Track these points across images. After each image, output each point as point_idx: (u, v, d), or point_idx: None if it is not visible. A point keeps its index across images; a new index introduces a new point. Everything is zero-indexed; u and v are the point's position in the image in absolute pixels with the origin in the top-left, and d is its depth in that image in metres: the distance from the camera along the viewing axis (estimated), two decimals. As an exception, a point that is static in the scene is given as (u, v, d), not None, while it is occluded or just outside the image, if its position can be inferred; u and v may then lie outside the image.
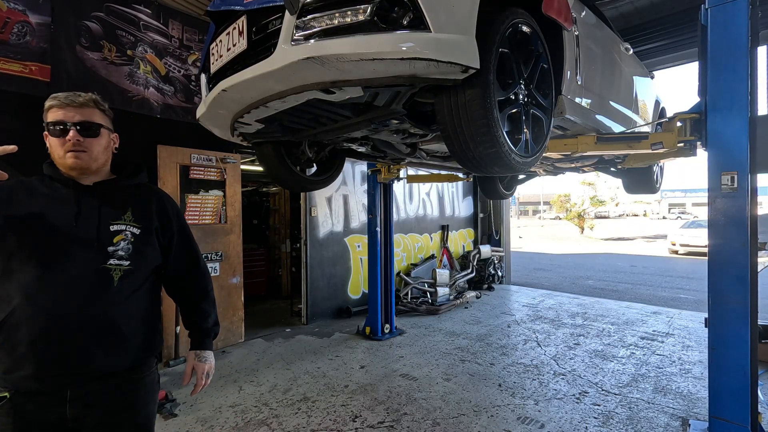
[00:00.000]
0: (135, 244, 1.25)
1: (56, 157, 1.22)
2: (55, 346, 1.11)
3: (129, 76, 3.94)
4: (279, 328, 5.27)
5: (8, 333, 1.10)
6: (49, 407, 1.12)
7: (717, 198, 2.23)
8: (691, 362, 3.93)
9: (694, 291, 7.93)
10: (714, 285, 2.25)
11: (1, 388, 1.11)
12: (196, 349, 1.43)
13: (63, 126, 1.19)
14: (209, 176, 4.43)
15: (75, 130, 1.19)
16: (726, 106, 2.20)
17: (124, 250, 1.22)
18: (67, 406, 1.13)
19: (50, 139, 1.21)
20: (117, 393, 1.21)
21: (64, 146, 1.19)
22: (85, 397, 1.15)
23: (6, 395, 1.09)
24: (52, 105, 1.20)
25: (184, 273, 1.43)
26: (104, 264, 1.18)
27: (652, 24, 5.02)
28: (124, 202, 1.28)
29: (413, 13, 1.29)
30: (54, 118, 1.19)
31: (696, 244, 13.76)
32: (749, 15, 2.15)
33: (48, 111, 1.21)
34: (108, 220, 1.23)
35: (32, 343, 1.09)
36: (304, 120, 1.98)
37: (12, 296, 1.11)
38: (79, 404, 1.15)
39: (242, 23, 1.55)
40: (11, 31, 3.28)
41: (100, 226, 1.21)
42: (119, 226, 1.24)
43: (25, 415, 1.10)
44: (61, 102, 1.20)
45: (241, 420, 2.91)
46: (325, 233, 5.71)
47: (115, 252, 1.21)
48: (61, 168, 1.24)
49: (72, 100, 1.21)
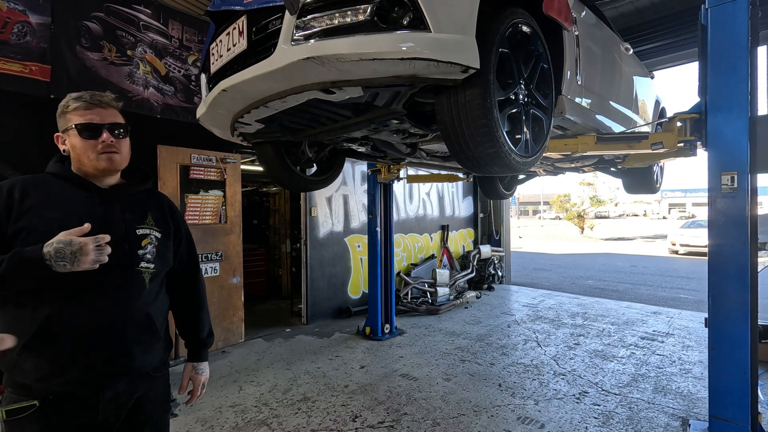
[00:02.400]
0: (158, 247, 1.27)
1: (84, 159, 1.17)
2: (101, 349, 1.12)
3: (129, 76, 3.94)
4: (279, 328, 5.27)
5: (46, 340, 1.07)
6: (81, 411, 1.12)
7: (717, 198, 2.23)
8: (692, 362, 3.93)
9: (694, 291, 7.93)
10: (714, 285, 2.25)
11: (25, 398, 1.08)
12: (193, 361, 1.45)
13: (95, 127, 1.17)
14: (209, 176, 4.43)
15: (107, 131, 1.18)
16: (726, 106, 2.20)
17: (151, 254, 1.24)
18: (100, 408, 1.13)
19: (76, 140, 1.16)
20: (145, 391, 1.24)
21: (96, 148, 1.16)
22: (117, 398, 1.17)
23: (35, 403, 1.08)
24: (77, 106, 1.17)
25: (186, 279, 1.44)
26: (137, 267, 1.20)
27: (652, 24, 5.02)
28: (143, 207, 1.29)
29: (413, 13, 1.29)
30: (84, 120, 1.16)
31: (696, 244, 13.76)
32: (749, 15, 2.15)
33: (72, 112, 1.17)
34: (133, 225, 1.23)
35: (78, 347, 1.09)
36: (304, 120, 1.98)
37: (44, 305, 1.08)
38: (113, 405, 1.16)
39: (242, 23, 1.55)
40: (11, 31, 3.28)
41: (128, 230, 1.21)
42: (144, 230, 1.25)
43: (54, 423, 1.09)
44: (88, 102, 1.17)
45: (242, 420, 2.91)
46: (325, 233, 5.71)
47: (144, 255, 1.22)
48: (91, 170, 1.19)
49: (99, 100, 1.19)
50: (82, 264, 1.02)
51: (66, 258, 1.00)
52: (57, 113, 1.20)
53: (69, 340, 1.09)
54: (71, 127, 1.16)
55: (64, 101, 1.19)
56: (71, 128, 1.16)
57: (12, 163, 3.20)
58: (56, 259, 1.00)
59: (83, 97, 1.18)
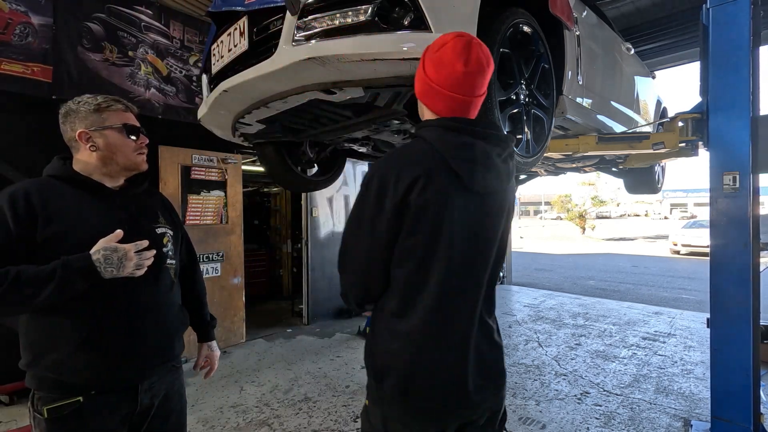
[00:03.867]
0: (174, 243, 1.35)
1: (119, 156, 1.22)
2: (151, 341, 1.21)
3: (130, 77, 3.95)
4: (280, 328, 5.27)
5: (99, 339, 1.13)
6: (121, 403, 1.18)
7: (719, 198, 2.22)
8: (693, 363, 3.92)
9: (696, 291, 7.91)
10: (716, 285, 2.24)
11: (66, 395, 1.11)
12: (206, 341, 1.57)
13: (137, 129, 1.27)
14: (210, 177, 4.43)
15: (142, 134, 1.28)
16: (728, 106, 2.20)
17: (171, 251, 1.33)
18: (139, 398, 1.20)
19: (116, 137, 1.21)
20: (171, 382, 1.32)
21: (133, 147, 1.25)
22: (152, 388, 1.24)
23: (79, 399, 1.11)
24: (119, 107, 1.24)
25: (191, 268, 1.53)
26: (165, 264, 1.28)
27: (654, 24, 5.01)
28: (152, 206, 1.34)
29: (414, 13, 1.29)
30: (126, 120, 1.24)
31: (698, 245, 13.72)
32: (751, 14, 2.14)
33: (112, 111, 1.22)
34: (151, 224, 1.28)
35: (130, 342, 1.17)
36: (305, 120, 1.98)
37: (91, 307, 1.12)
38: (149, 395, 1.23)
39: (243, 24, 1.55)
40: (13, 32, 3.29)
41: (149, 230, 1.26)
42: (161, 228, 1.31)
43: (96, 416, 1.14)
44: (126, 106, 1.27)
45: (243, 420, 2.91)
46: (327, 234, 5.71)
47: (168, 252, 1.30)
48: (122, 167, 1.24)
49: (132, 106, 1.29)
50: (126, 269, 1.10)
51: (113, 264, 1.07)
52: (82, 109, 1.19)
53: (121, 335, 1.15)
54: (114, 125, 1.21)
55: (96, 100, 1.21)
56: (113, 127, 1.21)
57: (14, 163, 3.20)
58: (105, 266, 1.07)
59: (120, 100, 1.26)
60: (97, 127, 1.19)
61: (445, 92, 0.99)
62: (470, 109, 1.03)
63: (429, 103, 1.04)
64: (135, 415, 1.20)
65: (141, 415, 1.22)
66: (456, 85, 0.98)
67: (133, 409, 1.20)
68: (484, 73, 0.99)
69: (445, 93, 0.99)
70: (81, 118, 1.19)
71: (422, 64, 1.03)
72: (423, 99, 1.05)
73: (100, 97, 1.23)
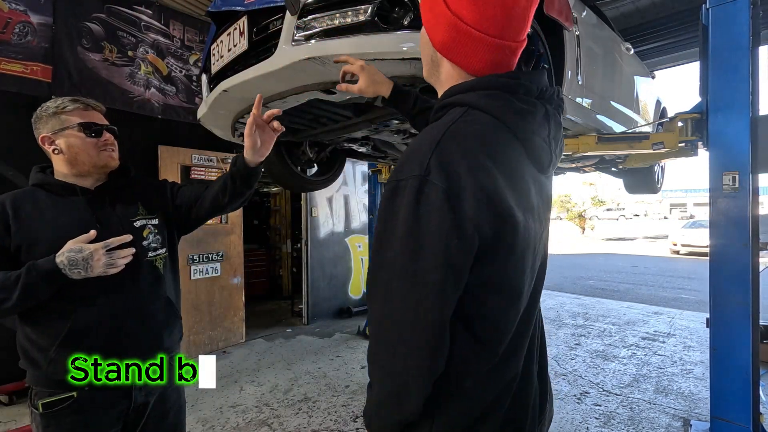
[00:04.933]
0: (160, 232, 1.32)
1: (83, 157, 1.20)
2: (133, 338, 1.20)
3: (130, 77, 3.95)
4: (280, 328, 5.27)
5: (80, 336, 1.13)
6: (115, 400, 1.18)
7: (718, 198, 2.22)
8: (693, 362, 3.93)
9: (696, 291, 7.91)
10: (715, 285, 2.25)
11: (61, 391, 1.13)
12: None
13: (98, 127, 1.23)
14: (210, 176, 4.43)
15: (107, 131, 1.25)
16: (727, 106, 2.20)
17: (156, 241, 1.30)
18: (133, 394, 1.20)
19: (76, 139, 1.19)
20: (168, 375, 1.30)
21: (97, 146, 1.22)
22: (145, 387, 1.23)
23: (73, 394, 1.13)
24: (77, 107, 1.21)
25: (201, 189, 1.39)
26: (146, 258, 1.26)
27: (653, 24, 5.01)
28: (131, 198, 1.31)
29: (414, 13, 1.29)
30: (87, 119, 1.21)
31: (697, 245, 13.72)
32: (750, 14, 2.14)
33: (71, 112, 1.20)
34: (128, 218, 1.27)
35: (110, 339, 1.16)
36: (304, 120, 1.98)
37: (69, 305, 1.13)
38: (143, 392, 1.22)
39: (243, 24, 1.55)
40: (12, 31, 3.29)
41: (125, 225, 1.24)
42: (140, 220, 1.29)
43: (91, 413, 1.15)
44: (86, 104, 1.23)
45: (242, 420, 2.91)
46: (326, 233, 5.71)
47: (149, 245, 1.28)
48: (89, 168, 1.22)
49: (95, 104, 1.26)
50: (95, 269, 1.08)
51: (79, 265, 1.06)
52: (43, 115, 1.21)
53: (102, 334, 1.15)
54: (72, 125, 1.19)
55: (56, 103, 1.21)
56: (71, 127, 1.19)
57: (13, 163, 3.20)
58: (70, 267, 1.06)
59: (80, 99, 1.23)
60: (56, 130, 1.19)
61: (490, 39, 0.70)
62: (514, 61, 0.74)
63: (460, 57, 0.73)
64: (130, 412, 1.21)
65: (137, 413, 1.23)
66: (507, 26, 0.69)
67: (128, 406, 1.20)
68: (534, 5, 0.71)
69: (490, 40, 0.70)
70: (42, 123, 1.21)
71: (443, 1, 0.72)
72: (450, 52, 0.74)
73: (60, 99, 1.22)
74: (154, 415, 1.26)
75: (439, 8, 0.72)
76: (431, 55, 0.79)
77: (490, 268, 0.65)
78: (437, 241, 0.59)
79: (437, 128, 0.67)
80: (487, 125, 0.67)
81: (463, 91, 0.71)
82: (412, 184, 0.61)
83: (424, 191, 0.60)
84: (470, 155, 0.62)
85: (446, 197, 0.59)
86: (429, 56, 0.80)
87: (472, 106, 0.69)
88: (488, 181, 0.62)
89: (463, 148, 0.63)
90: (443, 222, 0.59)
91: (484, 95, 0.69)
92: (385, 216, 0.64)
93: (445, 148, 0.62)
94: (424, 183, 0.60)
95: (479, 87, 0.70)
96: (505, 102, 0.68)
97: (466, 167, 0.61)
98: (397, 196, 0.62)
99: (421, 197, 0.60)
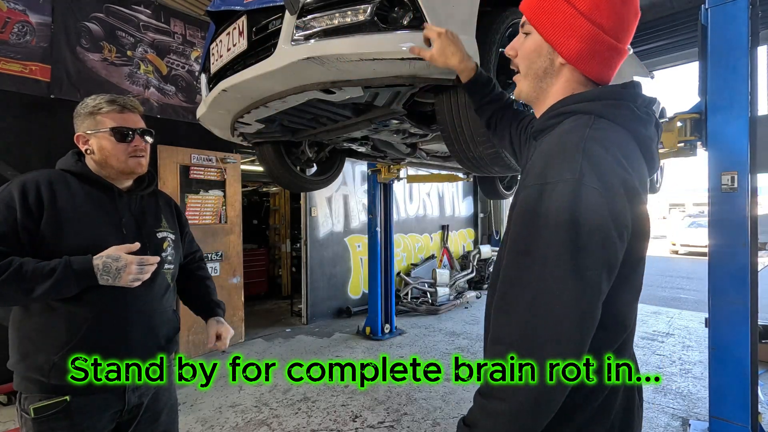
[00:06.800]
0: (175, 248, 1.35)
1: (113, 161, 1.20)
2: (142, 345, 1.21)
3: (129, 76, 3.95)
4: (279, 328, 5.27)
5: (91, 342, 1.13)
6: (109, 402, 1.18)
7: (717, 198, 2.23)
8: (692, 362, 3.93)
9: (695, 291, 7.92)
10: (714, 285, 2.25)
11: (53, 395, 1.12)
12: (215, 317, 1.47)
13: (130, 131, 1.22)
14: (209, 176, 4.43)
15: (139, 136, 1.24)
16: (726, 106, 2.21)
17: (171, 256, 1.32)
18: (126, 396, 1.20)
19: (107, 142, 1.19)
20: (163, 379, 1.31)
21: (126, 151, 1.21)
22: (139, 388, 1.24)
23: (66, 399, 1.11)
24: (112, 109, 1.20)
25: (194, 256, 1.54)
26: (162, 269, 1.26)
27: (652, 24, 5.01)
28: (156, 209, 1.33)
29: (413, 13, 1.29)
30: (119, 123, 1.20)
31: (696, 244, 13.75)
32: (749, 15, 2.15)
33: (106, 114, 1.19)
34: (153, 228, 1.28)
35: (121, 346, 1.17)
36: (304, 120, 1.98)
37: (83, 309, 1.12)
38: (137, 393, 1.23)
39: (242, 23, 1.55)
40: (11, 31, 3.28)
41: (150, 234, 1.26)
42: (162, 233, 1.30)
43: (85, 415, 1.14)
44: (121, 107, 1.22)
45: (242, 420, 2.91)
46: (326, 233, 5.70)
47: (166, 258, 1.29)
48: (116, 172, 1.22)
49: (132, 105, 1.24)
50: (122, 280, 1.10)
51: (111, 273, 1.08)
52: (81, 112, 1.21)
53: (111, 340, 1.15)
54: (104, 129, 1.19)
55: (94, 102, 1.20)
56: (104, 131, 1.19)
57: (12, 163, 3.20)
58: (102, 273, 1.07)
59: (117, 101, 1.22)
60: (91, 130, 1.20)
61: (615, 43, 0.72)
62: None
63: (597, 67, 0.74)
64: (124, 413, 1.21)
65: (130, 413, 1.23)
66: (629, 30, 0.72)
67: (121, 408, 1.20)
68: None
69: (615, 45, 0.72)
70: (80, 121, 1.21)
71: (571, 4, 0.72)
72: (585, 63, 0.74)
73: (99, 98, 1.21)
74: (147, 415, 1.26)
75: (571, 19, 0.73)
76: (544, 66, 0.79)
77: (628, 265, 0.67)
78: (598, 240, 0.61)
79: (573, 134, 0.68)
80: (618, 133, 0.69)
81: (588, 100, 0.72)
82: (564, 187, 0.62)
83: (581, 194, 0.61)
84: (617, 160, 0.65)
85: (605, 200, 0.61)
86: (541, 67, 0.79)
87: (598, 114, 0.70)
88: (633, 184, 0.65)
89: (610, 154, 0.65)
90: (604, 223, 0.61)
91: (611, 105, 0.71)
92: (530, 218, 0.65)
93: (593, 153, 0.64)
94: (579, 186, 0.61)
95: (604, 97, 0.72)
96: (630, 112, 0.71)
97: (616, 171, 0.64)
98: (546, 199, 0.63)
99: (578, 199, 0.61)
